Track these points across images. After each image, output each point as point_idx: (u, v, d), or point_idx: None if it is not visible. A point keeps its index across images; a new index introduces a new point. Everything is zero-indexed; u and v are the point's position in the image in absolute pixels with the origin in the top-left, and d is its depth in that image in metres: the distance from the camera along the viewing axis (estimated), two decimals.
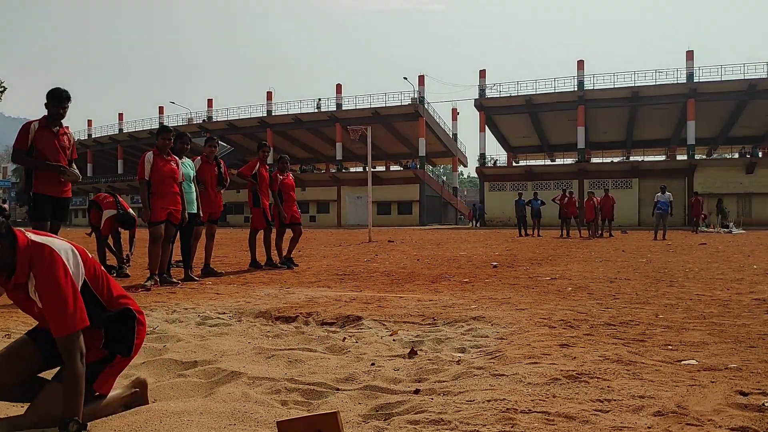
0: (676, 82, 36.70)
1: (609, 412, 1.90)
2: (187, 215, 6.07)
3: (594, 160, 44.27)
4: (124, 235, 7.54)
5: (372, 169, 21.18)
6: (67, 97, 4.71)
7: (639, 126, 41.55)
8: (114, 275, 6.66)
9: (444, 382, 2.31)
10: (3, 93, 26.15)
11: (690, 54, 36.47)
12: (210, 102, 52.53)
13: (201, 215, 6.53)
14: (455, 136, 52.91)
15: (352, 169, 55.15)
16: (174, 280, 5.96)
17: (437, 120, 46.96)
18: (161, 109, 55.61)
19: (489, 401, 2.00)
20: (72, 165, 4.94)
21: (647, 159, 43.69)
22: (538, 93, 39.52)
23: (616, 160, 44.93)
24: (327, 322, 3.74)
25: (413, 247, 12.72)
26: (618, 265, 7.83)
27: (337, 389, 2.26)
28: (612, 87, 37.82)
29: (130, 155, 55.67)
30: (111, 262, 7.55)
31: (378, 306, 4.26)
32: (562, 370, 2.39)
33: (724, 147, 44.57)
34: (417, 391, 2.19)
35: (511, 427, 1.77)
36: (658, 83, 36.77)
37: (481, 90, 41.12)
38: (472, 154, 62.58)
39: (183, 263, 6.45)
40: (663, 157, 46.04)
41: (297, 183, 35.23)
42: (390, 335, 3.30)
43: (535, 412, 1.90)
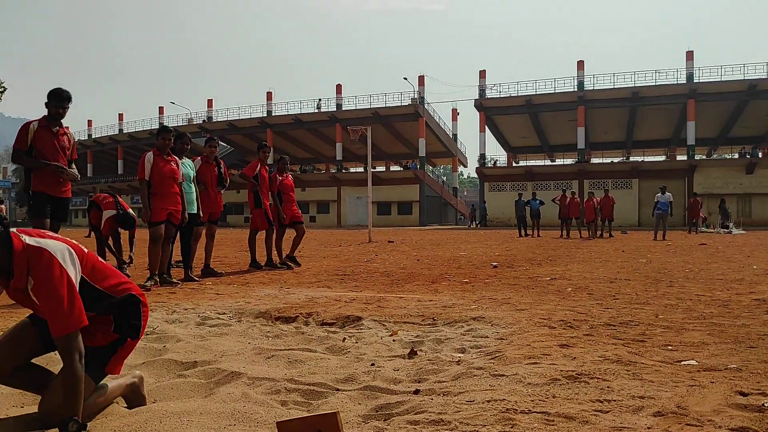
0: (676, 82, 36.70)
1: (609, 412, 1.90)
2: (187, 215, 6.07)
3: (594, 160, 44.27)
4: (123, 236, 7.54)
5: (372, 170, 21.18)
6: (68, 98, 4.71)
7: (639, 126, 41.55)
8: None
9: (444, 382, 2.31)
10: (3, 93, 26.15)
11: (690, 54, 36.48)
12: (210, 102, 52.54)
13: (201, 215, 6.53)
14: (455, 136, 52.91)
15: (352, 170, 55.13)
16: (174, 280, 5.96)
17: (437, 120, 46.95)
18: (161, 110, 55.63)
19: (489, 401, 2.00)
20: (72, 165, 4.93)
21: (647, 159, 43.66)
22: (538, 93, 39.51)
23: (616, 160, 44.89)
24: (327, 322, 3.74)
25: (413, 248, 12.72)
26: (618, 266, 7.83)
27: (337, 389, 2.26)
28: (612, 87, 37.82)
29: (130, 155, 55.69)
30: (111, 262, 7.55)
31: (378, 306, 4.26)
32: (561, 370, 2.39)
33: (724, 147, 44.55)
34: (417, 392, 2.19)
35: (511, 428, 1.77)
36: (658, 83, 36.77)
37: (481, 90, 41.11)
38: (472, 154, 62.63)
39: (183, 263, 6.45)
40: (663, 158, 46.01)
41: (297, 183, 35.34)
42: (390, 335, 3.30)
43: (535, 412, 1.90)
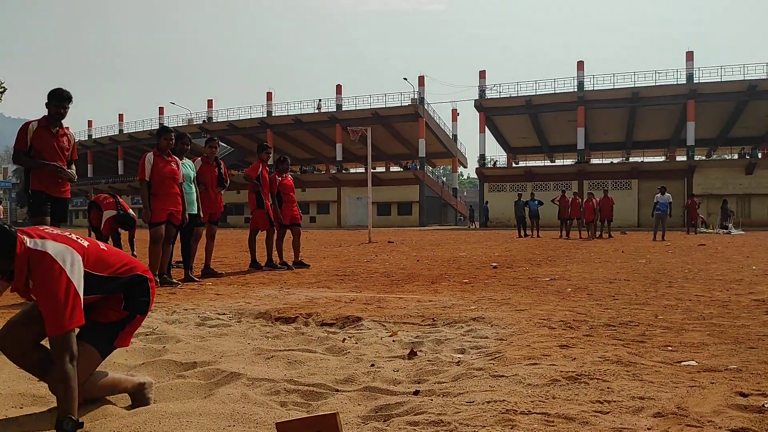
0: (675, 82, 36.71)
1: (609, 413, 1.90)
2: (188, 216, 6.08)
3: (594, 160, 44.27)
4: (124, 236, 7.54)
5: (372, 170, 21.18)
6: (69, 98, 4.71)
7: (639, 127, 41.56)
8: None
9: (444, 383, 2.31)
10: (3, 93, 26.13)
11: (690, 54, 36.49)
12: (210, 102, 52.54)
13: (201, 216, 6.53)
14: (455, 136, 52.92)
15: (352, 170, 55.14)
16: (174, 280, 5.96)
17: (437, 121, 46.96)
18: (161, 110, 55.63)
19: (489, 402, 2.00)
20: (72, 166, 4.93)
21: (647, 160, 43.67)
22: (537, 94, 39.51)
23: (615, 161, 44.93)
24: (327, 322, 3.74)
25: (413, 248, 12.72)
26: (617, 266, 7.83)
27: (337, 390, 2.26)
28: (612, 88, 37.84)
29: (130, 156, 55.69)
30: None
31: (378, 307, 4.26)
32: (561, 371, 2.39)
33: (723, 148, 44.58)
34: (416, 393, 2.18)
35: (511, 429, 1.77)
36: (657, 84, 36.77)
37: (481, 91, 41.12)
38: (471, 154, 62.61)
39: (183, 264, 6.46)
40: (662, 158, 46.02)
41: (297, 184, 35.31)
42: (390, 336, 3.30)
43: (535, 413, 1.90)
